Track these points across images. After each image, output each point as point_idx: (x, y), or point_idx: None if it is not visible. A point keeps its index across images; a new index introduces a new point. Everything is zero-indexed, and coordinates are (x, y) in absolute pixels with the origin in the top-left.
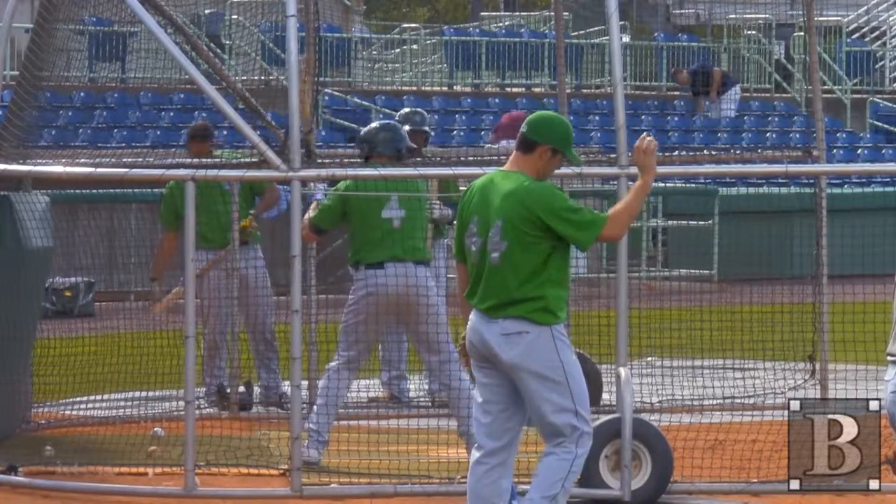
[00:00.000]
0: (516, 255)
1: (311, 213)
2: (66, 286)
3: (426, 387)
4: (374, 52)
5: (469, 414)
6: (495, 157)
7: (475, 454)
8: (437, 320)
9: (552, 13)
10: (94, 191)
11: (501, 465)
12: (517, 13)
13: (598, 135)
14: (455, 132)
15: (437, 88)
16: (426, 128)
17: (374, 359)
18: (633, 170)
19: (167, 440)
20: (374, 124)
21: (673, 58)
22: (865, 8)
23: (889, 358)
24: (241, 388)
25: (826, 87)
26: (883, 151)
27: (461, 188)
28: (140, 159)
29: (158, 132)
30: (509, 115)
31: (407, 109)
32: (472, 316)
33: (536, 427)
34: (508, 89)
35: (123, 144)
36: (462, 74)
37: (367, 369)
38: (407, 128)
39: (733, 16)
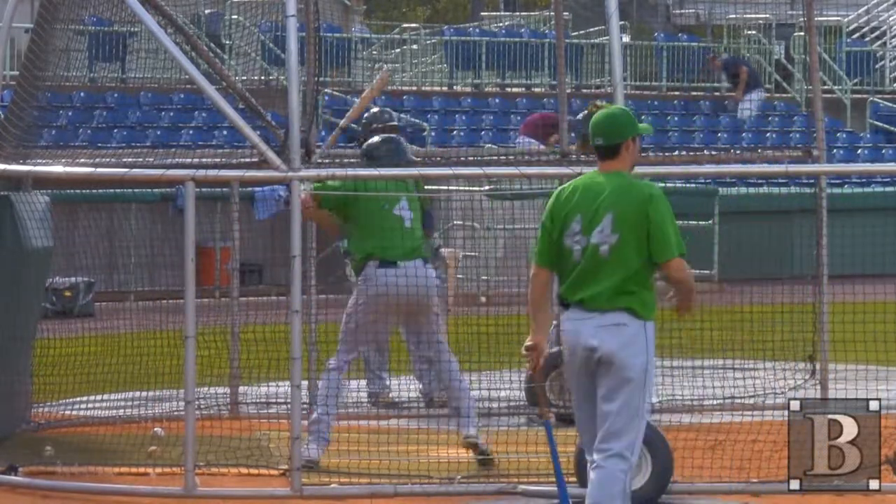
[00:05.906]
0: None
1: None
2: (66, 286)
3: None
4: (374, 52)
5: (470, 415)
6: (495, 157)
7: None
8: (438, 321)
9: (552, 13)
10: (94, 191)
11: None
12: (517, 13)
13: None
14: (455, 132)
15: (437, 88)
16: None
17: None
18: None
19: (167, 440)
20: (376, 138)
21: (673, 58)
22: (865, 8)
23: None
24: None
25: (826, 87)
26: (883, 151)
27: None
28: (140, 159)
29: (158, 132)
30: (540, 115)
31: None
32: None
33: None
34: (508, 89)
35: (123, 144)
36: (462, 74)
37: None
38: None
39: (733, 16)
